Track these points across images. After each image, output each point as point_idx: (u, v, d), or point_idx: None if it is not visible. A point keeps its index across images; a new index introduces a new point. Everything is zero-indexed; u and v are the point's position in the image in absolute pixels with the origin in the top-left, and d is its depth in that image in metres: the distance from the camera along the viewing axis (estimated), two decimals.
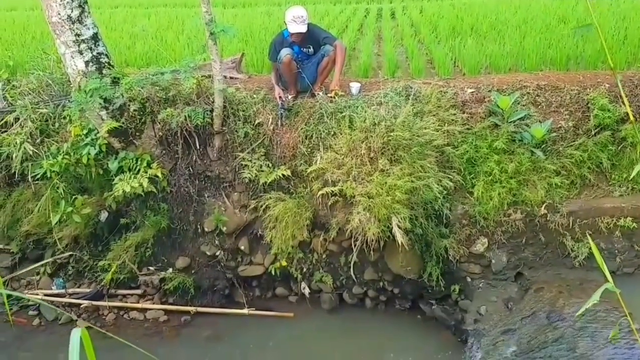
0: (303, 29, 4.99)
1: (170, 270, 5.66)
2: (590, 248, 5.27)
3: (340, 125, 5.00)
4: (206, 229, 5.59)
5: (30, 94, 5.32)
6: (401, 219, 4.83)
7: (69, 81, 5.24)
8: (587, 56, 6.29)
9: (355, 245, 5.09)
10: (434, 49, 6.83)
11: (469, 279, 5.48)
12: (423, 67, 6.42)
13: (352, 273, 5.39)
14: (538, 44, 6.55)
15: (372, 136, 4.81)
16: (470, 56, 6.35)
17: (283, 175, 5.19)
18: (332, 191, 4.98)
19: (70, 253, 5.47)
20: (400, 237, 4.79)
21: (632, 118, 5.06)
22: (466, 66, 6.33)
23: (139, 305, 5.61)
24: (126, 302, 5.70)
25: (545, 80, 5.69)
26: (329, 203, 5.15)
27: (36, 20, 8.56)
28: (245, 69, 6.27)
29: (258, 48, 6.75)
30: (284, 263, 5.61)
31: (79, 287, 5.72)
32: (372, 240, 4.89)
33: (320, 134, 5.10)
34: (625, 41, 6.57)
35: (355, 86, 5.33)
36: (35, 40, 6.66)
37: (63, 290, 5.70)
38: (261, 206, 5.31)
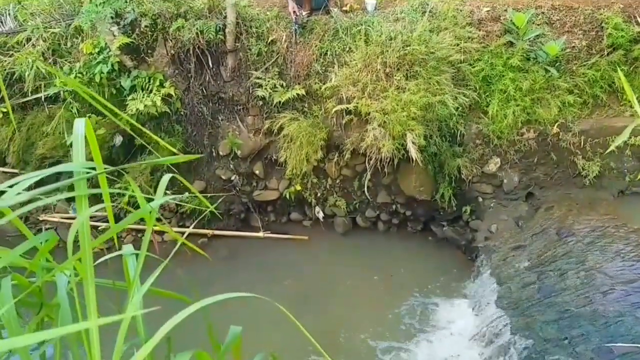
0: None
1: (187, 193, 5.71)
2: (600, 166, 5.35)
3: (355, 40, 4.97)
4: (221, 153, 5.63)
5: (41, 14, 5.25)
6: (416, 135, 4.86)
7: (80, 1, 5.16)
8: None
9: (369, 165, 5.15)
10: None
11: (480, 199, 5.56)
12: None
13: (365, 192, 5.47)
14: None
15: (388, 50, 4.78)
16: None
17: (297, 94, 5.19)
18: (347, 108, 5.00)
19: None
20: (414, 153, 4.83)
21: None
22: None
23: (156, 228, 5.66)
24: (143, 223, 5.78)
25: (559, 0, 5.63)
26: (344, 122, 5.18)
27: None
28: None
29: None
30: (299, 187, 5.68)
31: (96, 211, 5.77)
32: (387, 158, 4.94)
33: (335, 50, 5.07)
34: None
35: (371, 2, 5.26)
36: None
37: None
38: (275, 127, 5.32)
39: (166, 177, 1.38)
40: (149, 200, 1.37)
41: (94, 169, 1.25)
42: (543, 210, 5.40)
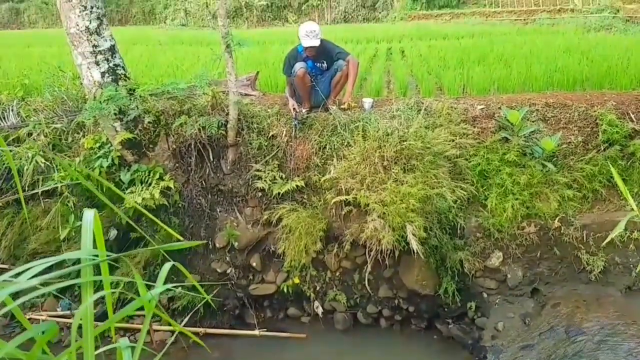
0: (316, 42, 5.13)
1: (179, 288, 5.51)
2: (605, 261, 5.22)
3: (353, 135, 5.05)
4: (217, 245, 5.51)
5: (44, 110, 5.36)
6: (416, 227, 4.79)
7: (84, 98, 5.30)
8: (593, 78, 6.50)
9: (369, 256, 5.02)
10: (443, 75, 7.01)
11: (485, 295, 5.37)
12: (432, 90, 6.57)
13: (366, 286, 5.29)
14: (545, 68, 6.75)
15: (385, 145, 4.84)
16: (478, 80, 6.51)
17: (297, 186, 5.19)
18: (346, 199, 4.97)
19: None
20: (415, 244, 4.73)
21: None
22: (474, 89, 6.47)
23: (155, 325, 5.42)
24: (132, 323, 5.52)
25: (553, 98, 5.82)
26: (343, 213, 5.12)
27: (53, 54, 8.76)
28: (260, 87, 6.38)
29: (272, 69, 6.91)
30: (297, 280, 5.50)
31: None
32: (387, 250, 4.82)
33: (334, 145, 5.15)
34: (628, 67, 6.79)
35: (367, 101, 5.42)
36: (52, 67, 6.82)
37: (69, 312, 5.53)
38: (274, 218, 5.26)
39: (167, 266, 1.38)
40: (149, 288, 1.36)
41: (97, 256, 1.30)
42: (550, 307, 5.20)
